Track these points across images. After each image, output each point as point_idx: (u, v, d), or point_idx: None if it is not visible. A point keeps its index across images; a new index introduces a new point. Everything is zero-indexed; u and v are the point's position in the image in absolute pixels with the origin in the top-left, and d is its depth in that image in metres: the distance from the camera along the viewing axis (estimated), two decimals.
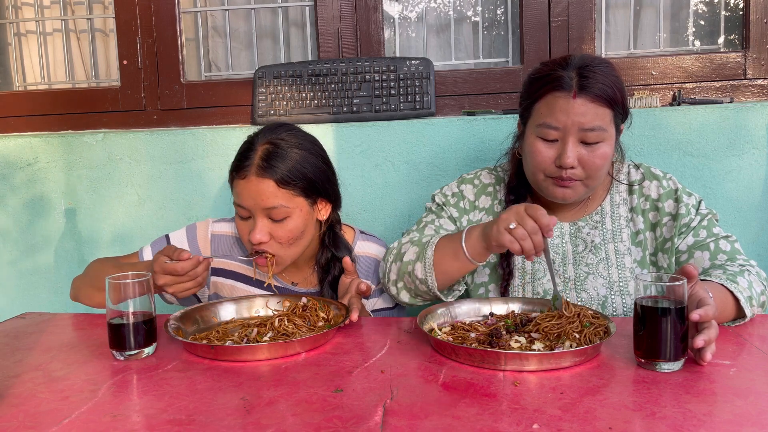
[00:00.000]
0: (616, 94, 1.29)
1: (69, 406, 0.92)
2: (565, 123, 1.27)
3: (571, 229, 1.43)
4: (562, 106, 1.27)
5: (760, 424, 0.81)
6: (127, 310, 1.10)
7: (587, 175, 1.30)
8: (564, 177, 1.29)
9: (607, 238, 1.41)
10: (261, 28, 2.27)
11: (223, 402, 0.91)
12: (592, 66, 1.28)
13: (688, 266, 1.04)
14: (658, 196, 1.40)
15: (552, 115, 1.28)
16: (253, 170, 1.36)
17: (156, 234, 2.01)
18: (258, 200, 1.36)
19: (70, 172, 2.03)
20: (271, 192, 1.35)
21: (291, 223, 1.38)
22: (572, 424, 0.81)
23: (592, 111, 1.27)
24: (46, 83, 2.31)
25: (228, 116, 2.11)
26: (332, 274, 1.49)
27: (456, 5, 2.19)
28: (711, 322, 1.00)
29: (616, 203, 1.43)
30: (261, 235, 1.37)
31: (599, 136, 1.28)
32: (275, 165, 1.36)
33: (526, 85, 1.38)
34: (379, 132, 1.91)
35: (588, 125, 1.27)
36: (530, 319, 1.19)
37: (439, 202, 1.51)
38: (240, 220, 1.42)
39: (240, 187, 1.38)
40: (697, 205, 1.38)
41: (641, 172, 1.44)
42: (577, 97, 1.26)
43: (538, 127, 1.31)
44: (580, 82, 1.27)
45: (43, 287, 2.08)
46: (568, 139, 1.27)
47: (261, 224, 1.37)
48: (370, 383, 0.97)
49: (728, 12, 2.06)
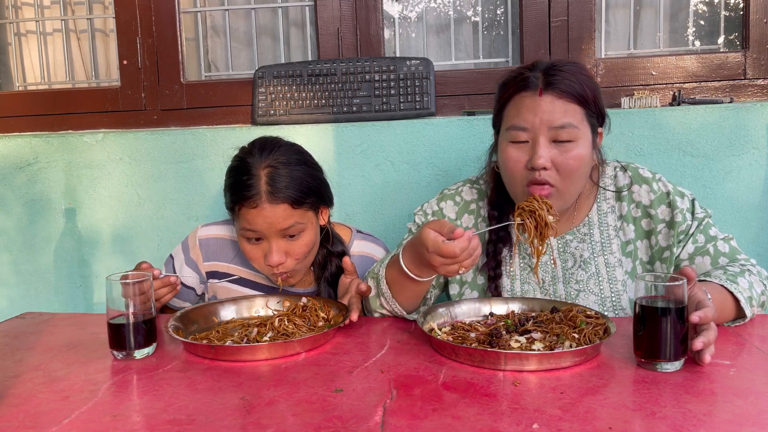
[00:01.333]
0: (586, 92, 1.24)
1: (69, 406, 0.92)
2: (532, 122, 1.23)
3: (558, 244, 1.37)
4: (528, 105, 1.23)
5: (760, 424, 0.81)
6: (127, 310, 1.11)
7: (562, 178, 1.23)
8: (538, 179, 1.22)
9: (596, 251, 1.35)
10: (261, 28, 2.27)
11: (223, 402, 0.91)
12: (559, 66, 1.25)
13: (686, 268, 1.04)
14: (650, 201, 1.34)
15: (519, 116, 1.24)
16: (264, 198, 1.33)
17: (156, 233, 2.02)
18: (274, 225, 1.34)
19: (70, 172, 2.03)
20: (287, 214, 1.34)
21: (305, 237, 1.39)
22: (572, 424, 0.81)
23: (560, 108, 1.22)
24: (46, 83, 2.31)
25: (228, 116, 2.11)
26: (329, 271, 1.49)
27: (456, 5, 2.19)
28: (710, 323, 1.00)
29: (603, 212, 1.37)
30: (278, 257, 1.36)
31: (571, 133, 1.22)
32: (285, 188, 1.34)
33: (496, 93, 1.34)
34: (379, 132, 1.91)
35: (557, 122, 1.22)
36: (529, 318, 1.20)
37: (419, 223, 1.45)
38: (248, 243, 1.39)
39: (251, 215, 1.34)
40: (691, 208, 1.34)
41: (629, 176, 1.37)
42: (543, 94, 1.22)
43: (507, 132, 1.27)
44: (546, 80, 1.23)
45: (43, 287, 2.08)
46: (539, 139, 1.22)
47: (277, 246, 1.36)
48: (370, 383, 0.97)
49: (728, 12, 2.06)
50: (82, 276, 2.06)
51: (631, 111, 1.86)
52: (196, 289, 1.59)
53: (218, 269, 1.55)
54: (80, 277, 2.07)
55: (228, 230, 1.56)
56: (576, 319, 1.14)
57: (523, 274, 1.37)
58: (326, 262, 1.50)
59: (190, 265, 1.55)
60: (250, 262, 1.44)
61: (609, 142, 1.85)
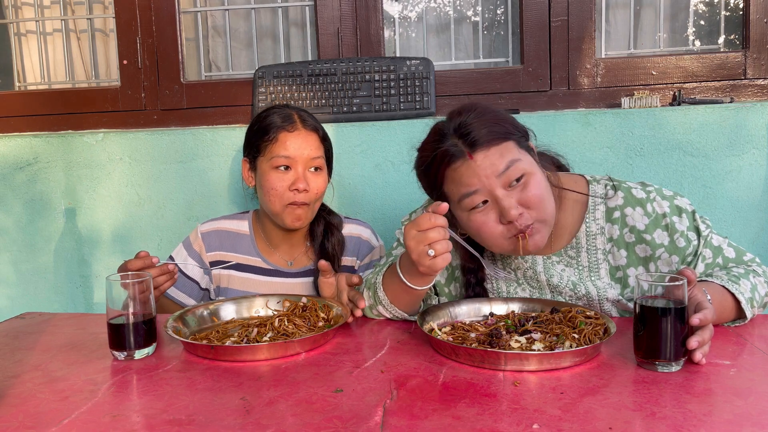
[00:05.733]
0: (502, 125, 1.19)
1: (69, 406, 0.92)
2: (480, 183, 1.17)
3: (545, 263, 1.31)
4: (466, 173, 1.18)
5: (760, 424, 0.81)
6: (127, 310, 1.11)
7: (536, 210, 1.18)
8: (522, 228, 1.17)
9: (584, 276, 1.29)
10: (261, 28, 2.27)
11: (223, 402, 0.91)
12: (464, 120, 1.19)
13: (686, 270, 1.03)
14: (645, 226, 1.25)
15: (464, 185, 1.18)
16: (300, 124, 1.53)
17: (156, 233, 2.02)
18: (306, 150, 1.51)
19: (70, 172, 2.03)
20: (317, 144, 1.54)
21: (322, 176, 1.55)
22: (572, 424, 0.81)
23: (495, 154, 1.17)
24: (46, 83, 2.31)
25: (228, 116, 2.11)
26: (332, 243, 1.59)
27: (456, 5, 2.19)
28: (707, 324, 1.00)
29: (592, 234, 1.29)
30: (304, 184, 1.50)
31: (517, 169, 1.17)
32: (315, 123, 1.56)
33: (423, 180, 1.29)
34: (379, 132, 1.91)
35: (501, 168, 1.16)
36: (529, 319, 1.20)
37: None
38: (276, 173, 1.51)
39: (289, 139, 1.50)
40: (692, 225, 1.26)
41: (622, 197, 1.28)
42: (473, 155, 1.17)
43: (460, 203, 1.20)
44: (464, 141, 1.18)
45: (43, 287, 2.08)
46: (497, 194, 1.16)
47: (305, 174, 1.51)
48: (370, 383, 0.97)
49: (728, 12, 2.06)
50: (82, 276, 2.06)
51: (631, 111, 1.86)
52: (200, 283, 1.62)
53: (221, 258, 1.62)
54: (80, 277, 2.07)
55: (227, 223, 1.65)
56: (576, 320, 1.14)
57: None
58: (326, 231, 1.61)
59: (194, 257, 1.61)
60: (272, 195, 1.51)
61: (609, 142, 1.85)
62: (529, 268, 1.32)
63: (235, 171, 1.97)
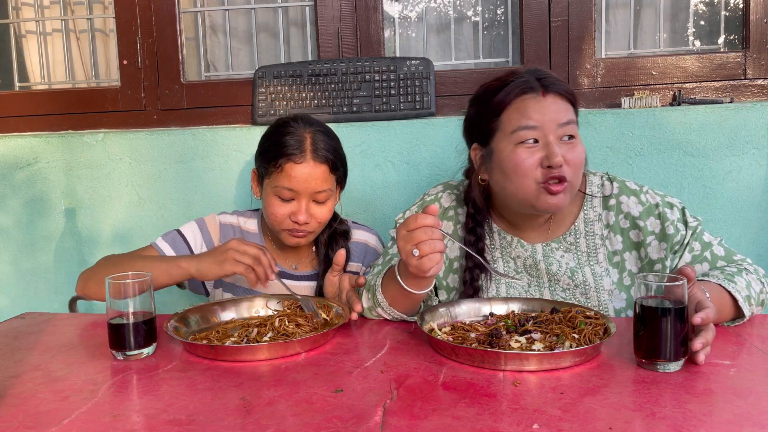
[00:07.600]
0: (572, 93, 1.31)
1: (69, 406, 0.92)
2: (542, 121, 1.25)
3: (544, 250, 1.36)
4: (534, 106, 1.26)
5: (760, 424, 0.81)
6: (127, 310, 1.11)
7: (574, 172, 1.26)
8: (558, 176, 1.23)
9: (582, 261, 1.34)
10: (261, 28, 2.27)
11: (223, 402, 0.91)
12: (544, 72, 1.31)
13: (685, 268, 1.03)
14: (639, 213, 1.33)
15: (527, 117, 1.25)
16: (309, 156, 1.44)
17: (155, 234, 2.01)
18: (311, 184, 1.45)
19: (70, 172, 2.03)
20: (325, 177, 1.46)
21: (329, 205, 1.51)
22: (572, 424, 0.81)
23: (562, 107, 1.27)
24: (46, 83, 2.31)
25: (228, 116, 2.11)
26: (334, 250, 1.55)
27: (456, 5, 2.19)
28: (708, 324, 1.00)
29: (590, 220, 1.36)
30: (305, 217, 1.46)
31: (573, 129, 1.27)
32: (326, 151, 1.47)
33: (478, 105, 1.34)
34: (379, 132, 1.91)
35: (563, 120, 1.26)
36: (529, 319, 1.20)
37: None
38: (278, 201, 1.47)
39: (295, 171, 1.44)
40: (682, 218, 1.32)
41: (617, 187, 1.37)
42: (545, 95, 1.27)
43: (513, 134, 1.26)
44: (542, 83, 1.28)
45: (43, 287, 2.08)
46: (550, 138, 1.24)
47: (307, 206, 1.46)
48: (370, 383, 0.97)
49: (728, 12, 2.06)
50: None
51: (631, 111, 1.86)
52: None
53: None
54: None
55: (240, 220, 1.64)
56: (576, 320, 1.14)
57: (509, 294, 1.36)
58: (331, 240, 1.58)
59: (207, 241, 1.60)
60: (272, 219, 1.49)
61: (609, 142, 1.85)
62: (529, 256, 1.36)
63: (235, 171, 1.97)
